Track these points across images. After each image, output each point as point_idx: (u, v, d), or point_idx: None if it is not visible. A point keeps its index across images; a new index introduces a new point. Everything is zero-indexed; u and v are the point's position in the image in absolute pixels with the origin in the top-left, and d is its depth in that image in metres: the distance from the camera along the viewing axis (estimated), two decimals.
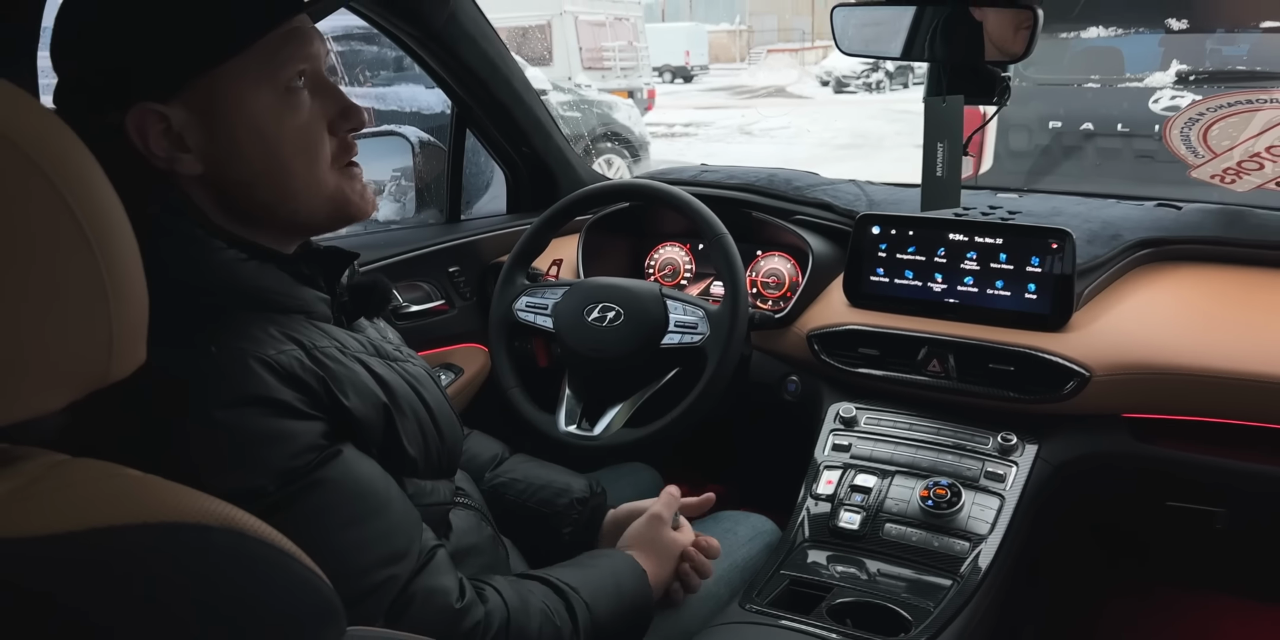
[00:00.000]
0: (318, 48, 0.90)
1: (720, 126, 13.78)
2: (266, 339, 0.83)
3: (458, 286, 1.88)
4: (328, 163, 0.92)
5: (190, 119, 0.84)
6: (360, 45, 4.51)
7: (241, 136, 0.85)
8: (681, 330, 1.55)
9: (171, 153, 0.84)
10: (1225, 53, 4.46)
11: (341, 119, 0.92)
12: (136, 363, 0.65)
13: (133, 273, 0.64)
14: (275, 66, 0.85)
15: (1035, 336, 1.48)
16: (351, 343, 0.93)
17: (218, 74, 0.83)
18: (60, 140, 0.61)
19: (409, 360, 1.03)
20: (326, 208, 0.93)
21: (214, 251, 0.85)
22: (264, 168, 0.87)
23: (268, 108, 0.86)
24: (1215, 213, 1.67)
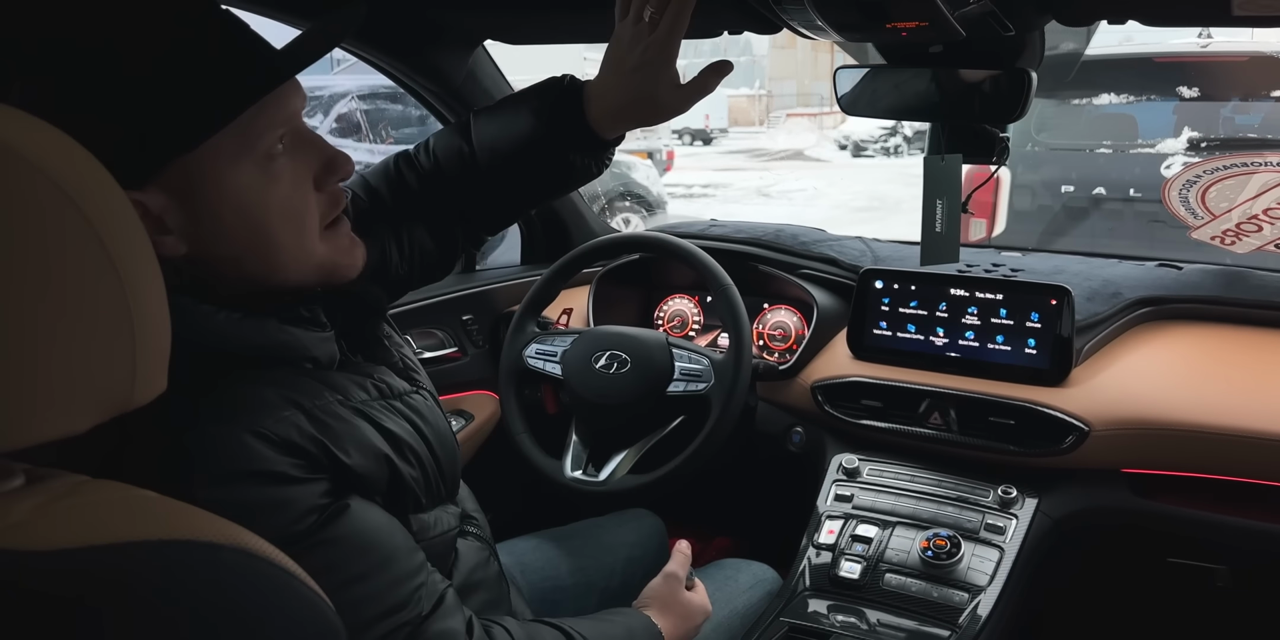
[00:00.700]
0: (294, 104, 0.87)
1: (738, 188, 13.92)
2: (263, 407, 0.81)
3: (471, 334, 1.92)
4: (316, 229, 0.89)
5: (168, 202, 0.80)
6: (385, 104, 4.65)
7: (224, 214, 0.83)
8: (687, 378, 1.58)
9: (153, 236, 0.77)
10: (1238, 121, 4.51)
11: (326, 173, 0.89)
12: (159, 389, 0.68)
13: (156, 301, 0.67)
14: (252, 139, 0.82)
15: (1035, 391, 1.51)
16: (356, 393, 0.91)
17: (190, 158, 0.79)
18: (92, 175, 0.65)
19: (417, 390, 1.03)
20: (315, 275, 0.91)
21: (205, 317, 0.83)
22: (250, 243, 0.85)
23: (248, 182, 0.83)
24: (1215, 273, 1.70)
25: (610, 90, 1.10)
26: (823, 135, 19.61)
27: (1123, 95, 4.58)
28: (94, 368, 0.63)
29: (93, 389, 0.63)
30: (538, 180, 1.19)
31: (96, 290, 0.62)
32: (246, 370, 0.85)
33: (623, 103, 1.10)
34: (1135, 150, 4.50)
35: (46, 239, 0.61)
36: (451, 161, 1.18)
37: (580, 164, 1.15)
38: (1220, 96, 4.41)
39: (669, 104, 1.09)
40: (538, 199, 1.26)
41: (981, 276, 1.61)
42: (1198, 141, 4.20)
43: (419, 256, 1.22)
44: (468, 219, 1.23)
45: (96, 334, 0.63)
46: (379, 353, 1.04)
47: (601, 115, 1.11)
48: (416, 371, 1.07)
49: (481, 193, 1.20)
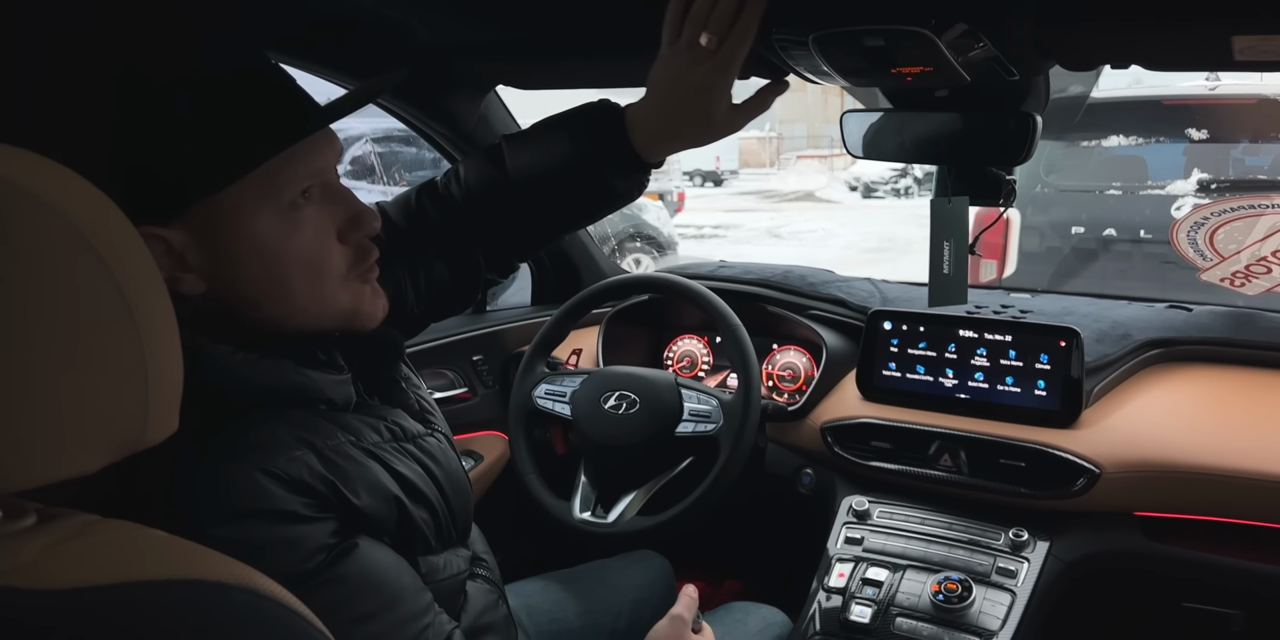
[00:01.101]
0: (327, 158, 0.89)
1: (749, 229, 13.99)
2: (275, 446, 0.82)
3: (481, 375, 1.93)
4: (338, 276, 0.90)
5: (191, 241, 0.82)
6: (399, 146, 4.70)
7: (244, 258, 0.84)
8: (696, 419, 1.58)
9: (174, 273, 0.82)
10: (1249, 162, 4.52)
11: (351, 227, 0.90)
12: (170, 429, 0.68)
13: (169, 342, 0.68)
14: (276, 188, 0.84)
15: (1045, 433, 1.50)
16: (369, 435, 0.92)
17: (215, 200, 0.82)
18: (109, 219, 0.66)
19: (431, 432, 1.03)
20: (335, 321, 0.91)
21: (221, 357, 0.84)
22: (268, 287, 0.86)
23: (269, 229, 0.84)
24: (1225, 315, 1.70)
25: (659, 114, 1.10)
26: (833, 177, 19.74)
27: (1132, 137, 4.60)
28: (107, 408, 0.64)
29: (105, 429, 0.64)
30: (576, 205, 1.18)
31: (111, 332, 0.63)
32: (260, 410, 0.85)
33: (674, 126, 1.10)
34: (1145, 192, 4.51)
35: (63, 281, 0.62)
36: (484, 188, 1.17)
37: (622, 187, 1.15)
38: (1229, 138, 4.42)
39: (723, 124, 1.09)
40: (574, 224, 1.26)
41: (990, 318, 1.61)
42: (1208, 183, 4.21)
43: (435, 292, 1.21)
44: (498, 246, 1.22)
45: (110, 375, 0.64)
46: (396, 395, 1.04)
47: (648, 139, 1.11)
48: (432, 413, 1.08)
49: (515, 219, 1.19)
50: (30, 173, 0.63)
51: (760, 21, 1.02)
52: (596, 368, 1.86)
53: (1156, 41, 1.12)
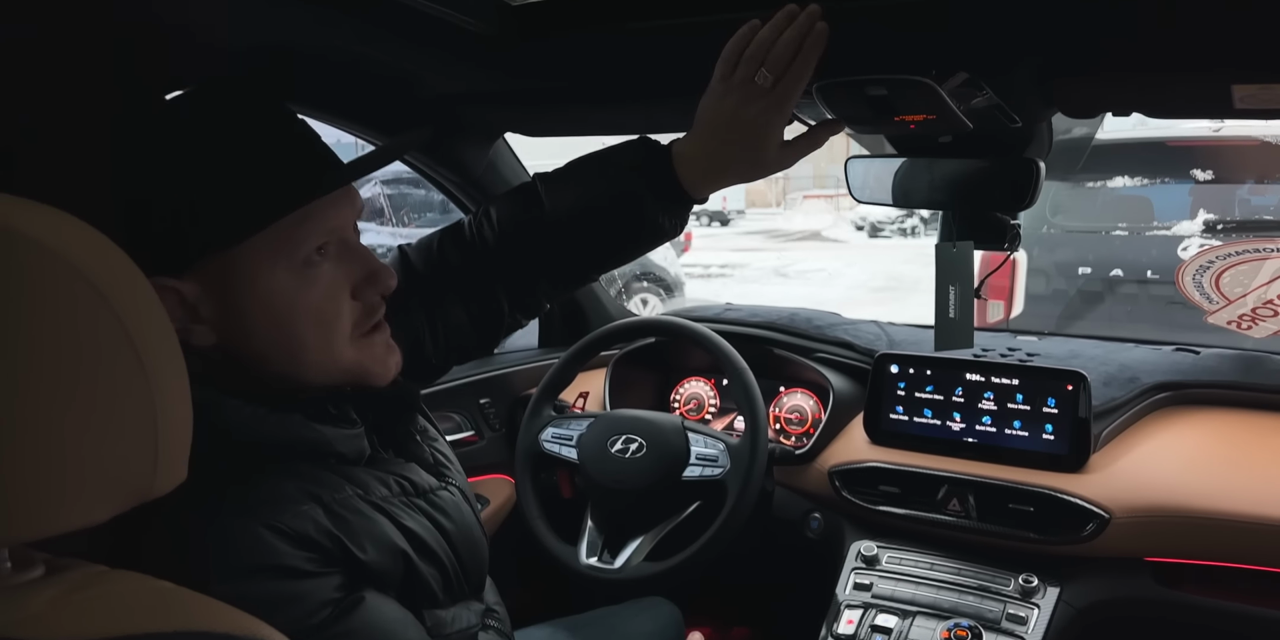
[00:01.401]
0: (344, 215, 0.89)
1: (756, 268, 14.02)
2: (281, 501, 0.82)
3: (488, 418, 1.93)
4: (346, 334, 0.90)
5: (203, 293, 0.83)
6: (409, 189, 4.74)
7: (255, 312, 0.85)
8: (703, 463, 1.57)
9: (185, 324, 0.83)
10: (1254, 203, 4.54)
11: (366, 285, 0.90)
12: (179, 479, 0.69)
13: (179, 393, 0.68)
14: (291, 244, 0.84)
15: (1054, 477, 1.49)
16: (377, 489, 0.91)
17: (230, 252, 0.82)
18: (121, 271, 0.67)
19: (445, 486, 1.01)
20: (343, 378, 0.91)
21: (232, 411, 0.84)
22: (278, 342, 0.86)
23: (282, 285, 0.85)
24: (1233, 358, 1.69)
25: (709, 150, 1.08)
26: (839, 216, 19.81)
27: (1137, 178, 4.62)
28: (116, 458, 0.64)
29: (114, 479, 0.64)
30: (616, 242, 1.16)
31: (122, 382, 0.64)
32: (269, 463, 0.85)
33: (724, 161, 1.09)
34: (1152, 232, 4.52)
35: (75, 332, 0.63)
36: (521, 228, 1.16)
37: (666, 224, 1.13)
38: (1235, 179, 4.44)
39: (774, 161, 1.09)
40: (611, 262, 1.23)
41: (997, 361, 1.61)
42: (1214, 223, 4.22)
43: (454, 338, 1.20)
44: (529, 288, 1.20)
45: (120, 426, 0.64)
46: (411, 448, 1.03)
47: (697, 174, 1.10)
48: (448, 467, 1.06)
49: (551, 258, 1.17)
50: (44, 225, 0.64)
51: (819, 61, 1.02)
52: (603, 411, 1.86)
53: (1157, 90, 1.13)
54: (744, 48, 1.02)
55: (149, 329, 0.66)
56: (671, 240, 1.19)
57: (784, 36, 1.00)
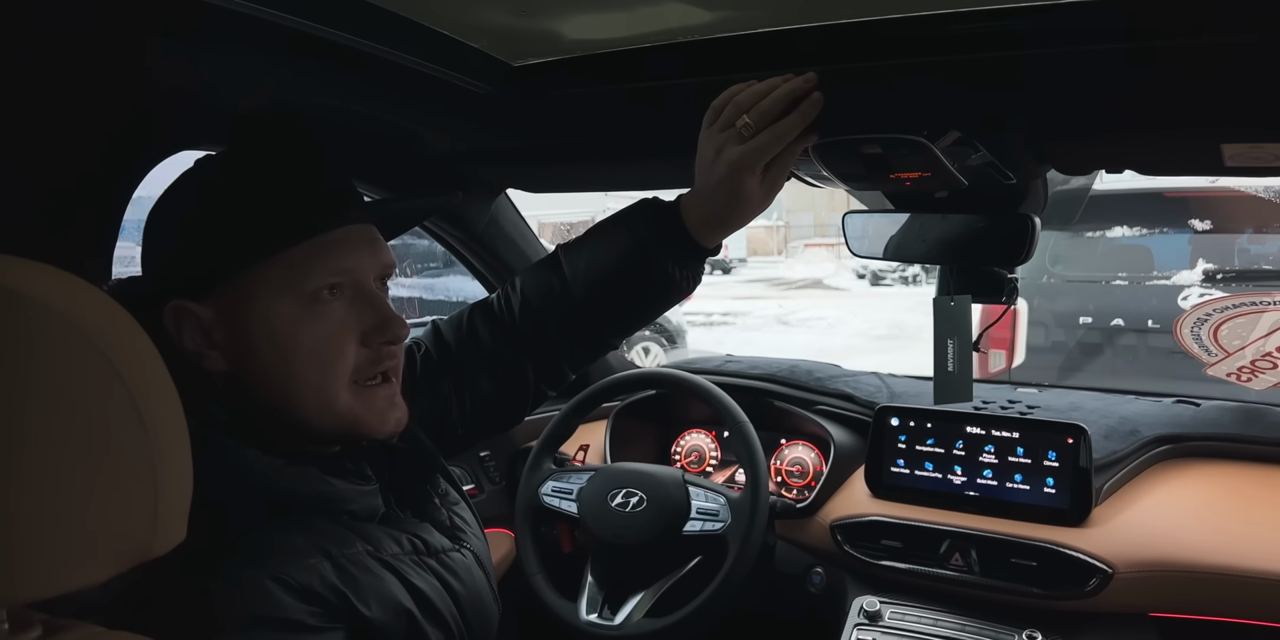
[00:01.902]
0: (362, 260, 0.91)
1: (758, 316, 14.04)
2: (290, 553, 0.82)
3: (488, 471, 1.92)
4: (345, 378, 0.91)
5: (217, 317, 0.87)
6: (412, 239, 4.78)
7: (258, 340, 0.87)
8: (703, 517, 1.57)
9: (201, 347, 0.87)
10: (1254, 252, 4.55)
11: (376, 332, 0.91)
12: (178, 538, 0.69)
13: (180, 452, 0.69)
14: (298, 277, 0.87)
15: (1056, 531, 1.48)
16: (388, 545, 0.91)
17: (244, 277, 0.86)
18: (120, 326, 0.67)
19: (458, 548, 1.01)
20: (335, 424, 0.91)
21: (249, 460, 0.86)
22: (275, 373, 0.88)
23: (286, 316, 0.87)
24: (1233, 410, 1.69)
25: (703, 198, 1.11)
26: (841, 264, 19.87)
27: (1136, 227, 4.64)
28: (116, 520, 0.64)
29: (113, 541, 0.64)
30: (636, 300, 1.18)
31: (125, 445, 0.64)
32: (281, 515, 0.86)
33: (716, 208, 1.11)
34: (1152, 282, 4.53)
35: (76, 391, 0.63)
36: (543, 298, 1.18)
37: (679, 276, 1.15)
38: (1233, 228, 4.46)
39: (759, 201, 1.11)
40: (633, 323, 1.25)
41: (997, 414, 1.61)
42: (1213, 273, 4.23)
43: (481, 410, 1.21)
44: (554, 357, 1.21)
45: (121, 487, 0.64)
46: (428, 509, 1.04)
47: (698, 223, 1.13)
48: (464, 530, 1.06)
49: (574, 325, 1.19)
50: (49, 287, 0.65)
51: (808, 124, 1.04)
52: (604, 464, 1.86)
53: (1148, 149, 1.15)
54: (731, 100, 1.05)
55: (153, 391, 0.67)
56: (687, 294, 1.21)
57: (776, 92, 1.02)
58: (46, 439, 0.62)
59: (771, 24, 1.00)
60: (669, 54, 1.09)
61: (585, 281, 1.16)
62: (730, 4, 0.96)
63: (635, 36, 1.07)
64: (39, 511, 0.61)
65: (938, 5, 0.92)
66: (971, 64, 0.99)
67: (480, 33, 1.07)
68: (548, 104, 1.23)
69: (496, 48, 1.13)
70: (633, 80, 1.14)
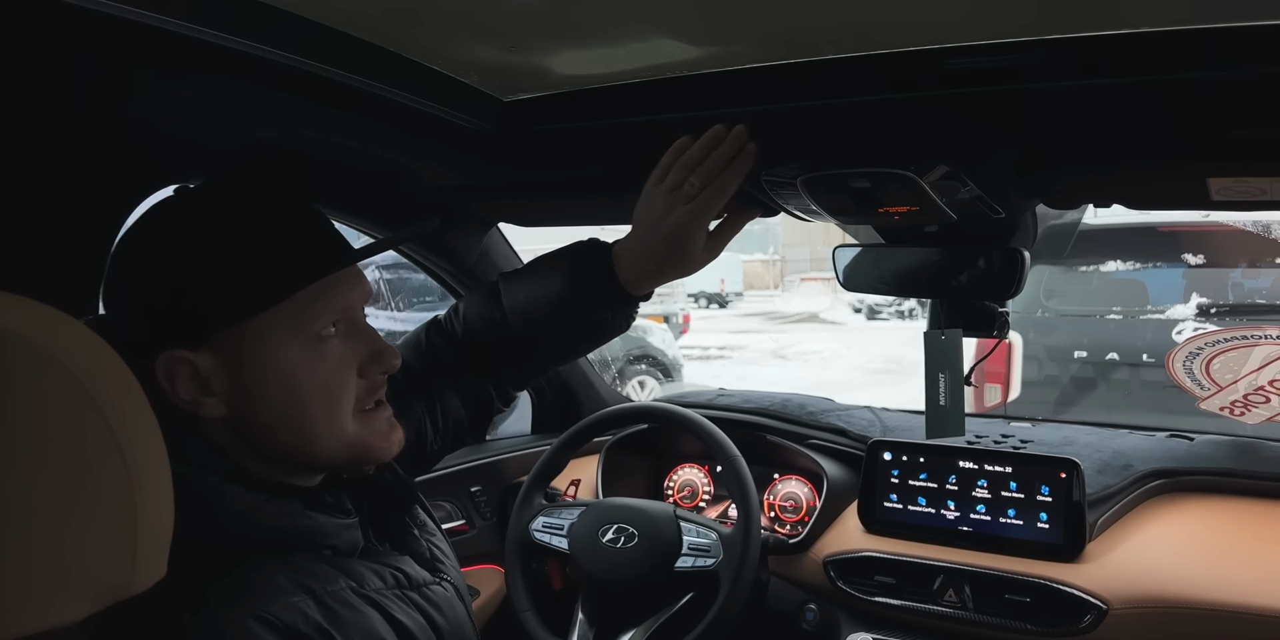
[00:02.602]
0: (355, 295, 0.93)
1: (754, 350, 14.04)
2: (272, 591, 0.82)
3: (479, 506, 1.91)
4: (350, 408, 0.92)
5: (218, 365, 0.85)
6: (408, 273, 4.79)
7: (268, 384, 0.87)
8: (695, 553, 1.55)
9: (197, 397, 0.85)
10: (1248, 286, 4.57)
11: (372, 363, 0.93)
12: (158, 576, 0.68)
13: (161, 487, 0.68)
14: (306, 320, 0.87)
15: (1050, 567, 1.47)
16: (371, 580, 0.91)
17: (246, 326, 0.85)
18: (103, 361, 0.67)
19: (439, 581, 1.01)
20: (345, 453, 0.92)
21: (231, 498, 0.85)
22: (285, 413, 0.88)
23: (295, 357, 0.87)
24: (1228, 444, 1.69)
25: (641, 250, 1.16)
26: (837, 298, 19.91)
27: (1130, 262, 4.66)
28: (94, 556, 0.63)
29: (91, 578, 0.63)
30: (568, 337, 1.24)
31: (105, 482, 0.64)
32: (264, 553, 0.85)
33: (655, 261, 1.17)
34: (1146, 316, 4.54)
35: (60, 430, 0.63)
36: (483, 326, 1.22)
37: (610, 319, 1.21)
38: (1227, 263, 4.48)
39: (701, 258, 1.17)
40: (568, 355, 1.32)
41: (990, 449, 1.61)
42: (1207, 307, 4.24)
43: (453, 426, 1.25)
44: (499, 378, 1.27)
45: (99, 523, 0.64)
46: (407, 541, 1.04)
47: (634, 275, 1.17)
48: (443, 561, 1.06)
49: (513, 353, 1.24)
50: (31, 321, 0.65)
51: (745, 177, 1.10)
52: (595, 499, 1.84)
53: (1135, 184, 1.16)
54: (677, 159, 1.10)
55: (134, 426, 0.66)
56: (622, 333, 1.27)
57: (717, 151, 1.07)
58: (24, 474, 0.61)
59: (758, 60, 1.01)
60: (658, 89, 1.09)
61: (523, 316, 1.21)
62: (717, 40, 0.97)
63: (624, 72, 1.08)
64: (15, 547, 0.61)
65: (923, 41, 0.93)
66: (958, 99, 0.99)
67: (470, 68, 1.08)
68: (538, 138, 1.24)
69: (487, 83, 1.14)
70: (622, 115, 1.15)
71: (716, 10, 0.87)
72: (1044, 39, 0.90)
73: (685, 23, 0.92)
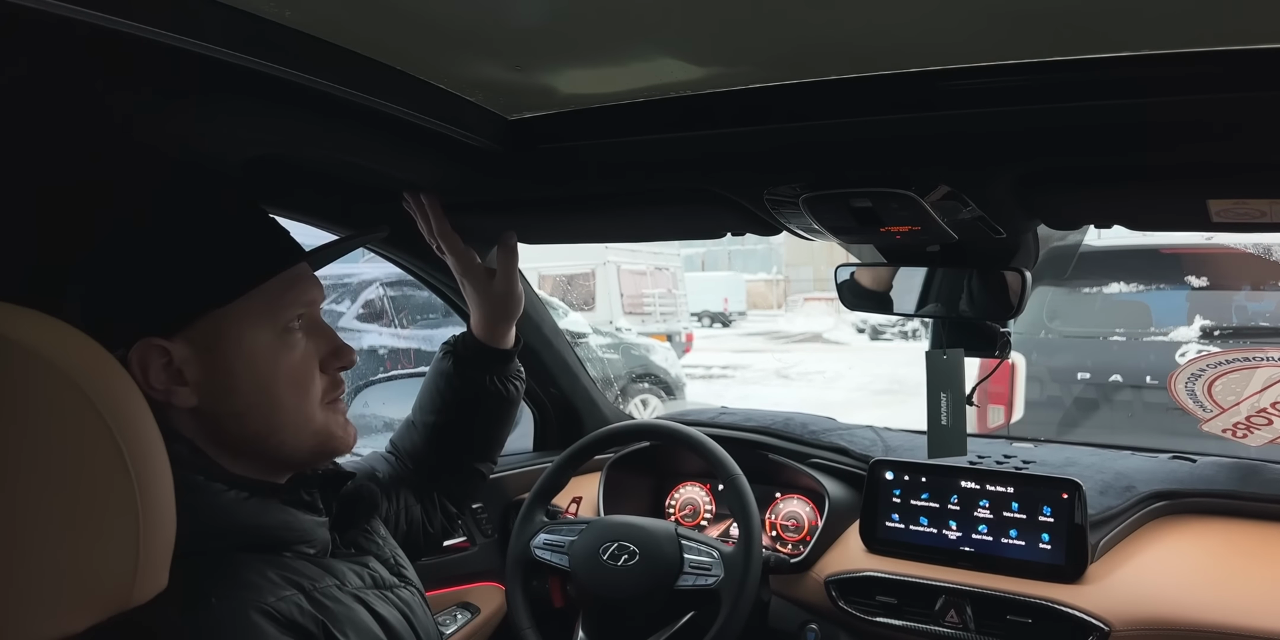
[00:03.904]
0: (316, 293, 0.99)
1: (757, 369, 14.03)
2: (266, 586, 0.85)
3: (480, 523, 1.91)
4: (317, 399, 0.97)
5: (191, 354, 0.88)
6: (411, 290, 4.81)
7: (239, 371, 0.90)
8: (696, 572, 1.55)
9: (169, 386, 0.88)
10: (1251, 309, 4.56)
11: (333, 358, 0.99)
12: (158, 587, 0.68)
13: (164, 501, 0.68)
14: (277, 309, 0.93)
15: (1052, 588, 1.47)
16: (351, 578, 0.96)
17: (222, 313, 0.89)
18: (108, 373, 0.68)
19: (404, 585, 1.06)
20: (311, 441, 0.96)
21: (214, 495, 0.88)
22: (256, 401, 0.92)
23: (266, 346, 0.92)
24: (1230, 467, 1.68)
25: (471, 307, 1.43)
26: (840, 318, 19.91)
27: (1133, 284, 4.66)
28: (97, 569, 0.64)
29: (94, 591, 0.64)
30: (471, 418, 1.41)
31: (108, 493, 0.64)
32: (249, 553, 0.88)
33: (477, 310, 1.42)
34: (1149, 338, 4.54)
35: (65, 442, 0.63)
36: (404, 441, 1.43)
37: (490, 382, 1.40)
38: (1230, 285, 4.48)
39: (498, 292, 1.42)
40: (485, 442, 1.47)
41: (992, 469, 1.60)
42: (1211, 329, 4.24)
43: (445, 506, 1.44)
44: (448, 489, 1.45)
45: (103, 536, 0.64)
46: (369, 547, 1.08)
47: (482, 329, 1.42)
48: (406, 568, 1.11)
49: (436, 459, 1.41)
50: (37, 333, 0.65)
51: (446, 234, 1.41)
52: (596, 517, 1.84)
53: (1135, 205, 1.16)
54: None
55: (138, 438, 0.67)
56: (516, 402, 1.46)
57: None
58: (30, 487, 0.62)
59: (762, 80, 1.02)
60: (662, 108, 1.10)
61: (419, 411, 1.42)
62: (721, 61, 0.98)
63: (629, 91, 1.09)
64: (19, 560, 0.61)
65: (924, 63, 0.94)
66: (958, 120, 1.00)
67: (476, 87, 1.08)
68: (543, 156, 1.24)
69: (492, 101, 1.14)
70: (627, 134, 1.16)
71: (720, 31, 0.88)
72: (1044, 61, 0.90)
73: (689, 44, 0.93)
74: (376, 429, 2.40)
